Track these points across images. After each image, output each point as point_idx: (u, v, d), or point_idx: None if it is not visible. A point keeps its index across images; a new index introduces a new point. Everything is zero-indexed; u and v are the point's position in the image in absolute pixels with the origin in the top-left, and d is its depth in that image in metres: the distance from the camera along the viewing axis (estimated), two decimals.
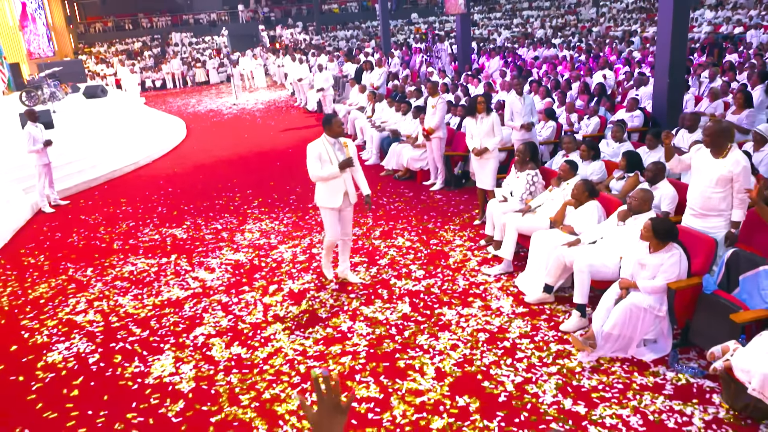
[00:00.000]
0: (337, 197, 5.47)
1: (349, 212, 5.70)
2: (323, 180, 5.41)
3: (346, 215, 5.66)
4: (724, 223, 4.58)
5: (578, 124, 9.11)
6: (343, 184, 5.43)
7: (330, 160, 5.33)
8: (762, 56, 13.34)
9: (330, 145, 5.38)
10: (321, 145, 5.38)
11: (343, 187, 5.45)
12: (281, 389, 4.26)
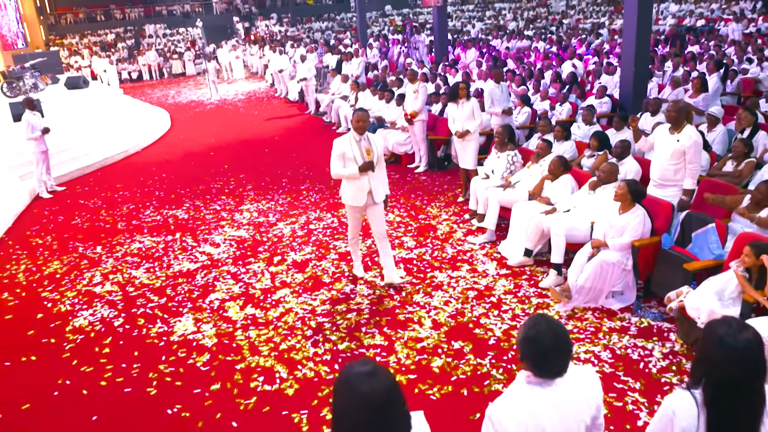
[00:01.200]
0: (360, 195, 5.28)
1: (379, 210, 5.41)
2: (343, 179, 5.34)
3: (375, 213, 5.40)
4: (679, 192, 5.25)
5: (551, 111, 9.78)
6: (367, 182, 5.23)
7: (354, 158, 5.15)
8: (720, 47, 14.21)
9: (356, 143, 5.19)
10: (347, 142, 5.21)
11: (367, 185, 5.24)
12: (296, 341, 4.80)
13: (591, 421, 2.08)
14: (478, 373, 4.22)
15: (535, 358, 2.00)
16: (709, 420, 1.96)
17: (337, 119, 12.94)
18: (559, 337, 1.99)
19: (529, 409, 1.99)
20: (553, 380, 2.01)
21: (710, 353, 1.97)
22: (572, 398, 2.03)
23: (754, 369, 1.92)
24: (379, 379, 1.78)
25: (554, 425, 2.00)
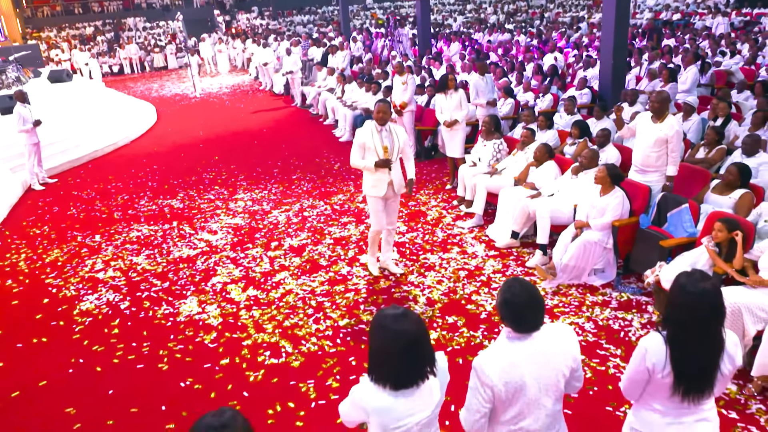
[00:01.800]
0: (381, 186, 5.28)
1: (395, 202, 5.52)
2: (360, 169, 5.37)
3: (391, 204, 5.49)
4: (661, 177, 5.59)
5: (534, 102, 10.11)
6: (387, 174, 5.24)
7: (375, 149, 5.16)
8: (696, 41, 14.68)
9: (377, 133, 5.19)
10: (368, 132, 5.21)
11: (387, 177, 5.25)
12: (298, 319, 5.07)
13: (569, 372, 2.37)
14: (472, 344, 4.53)
15: (512, 316, 2.30)
16: (672, 355, 2.29)
17: (324, 111, 13.16)
18: (531, 295, 2.30)
19: (509, 359, 2.29)
20: (530, 334, 2.31)
21: (674, 298, 2.32)
22: (548, 350, 2.33)
23: (710, 312, 2.26)
24: (411, 317, 2.19)
25: (532, 373, 2.29)
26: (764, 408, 3.71)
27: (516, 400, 2.30)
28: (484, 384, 2.27)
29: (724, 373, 2.31)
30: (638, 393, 2.43)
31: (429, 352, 2.21)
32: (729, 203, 4.96)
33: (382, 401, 2.14)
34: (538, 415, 2.34)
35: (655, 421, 2.40)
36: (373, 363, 2.20)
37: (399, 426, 2.16)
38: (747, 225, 4.47)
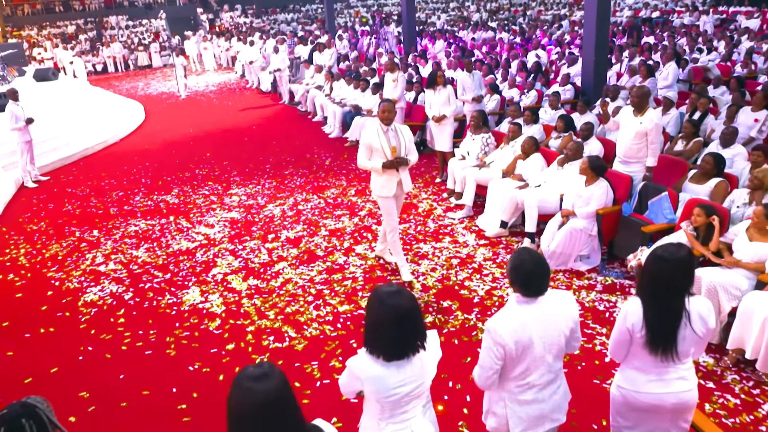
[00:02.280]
0: (390, 185, 5.26)
1: (401, 199, 5.54)
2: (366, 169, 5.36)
3: (399, 203, 5.51)
4: (642, 168, 5.89)
5: (519, 98, 10.39)
6: (396, 172, 5.25)
7: (382, 149, 5.12)
8: (674, 38, 15.09)
9: (383, 134, 5.16)
10: (374, 132, 5.19)
11: (396, 176, 5.26)
12: (299, 306, 5.28)
13: (569, 332, 2.65)
14: (466, 326, 4.78)
15: (521, 281, 2.57)
16: (645, 315, 2.60)
17: (313, 108, 13.34)
18: (538, 263, 2.58)
19: (518, 320, 2.56)
20: (536, 298, 2.58)
21: (650, 265, 2.63)
22: (552, 312, 2.61)
23: (681, 277, 2.58)
24: (404, 294, 2.38)
25: (538, 332, 2.57)
26: (738, 378, 4.00)
27: (524, 357, 2.56)
28: (496, 343, 2.52)
29: (699, 335, 2.58)
30: (623, 354, 2.71)
31: (420, 328, 2.39)
32: (705, 191, 5.27)
33: (375, 371, 2.34)
34: (542, 371, 2.61)
35: (638, 378, 2.68)
36: (368, 335, 2.40)
37: (390, 395, 2.34)
38: (722, 211, 4.77)
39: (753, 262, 4.24)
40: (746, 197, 4.95)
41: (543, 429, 2.69)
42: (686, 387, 2.66)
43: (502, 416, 2.68)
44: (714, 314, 2.72)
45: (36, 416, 1.95)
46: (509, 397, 2.66)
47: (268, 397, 1.78)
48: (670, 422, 2.73)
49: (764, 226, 4.25)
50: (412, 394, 2.40)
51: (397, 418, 2.43)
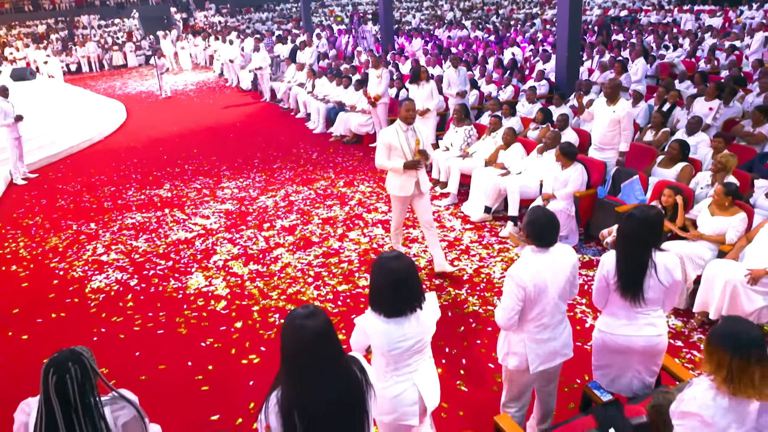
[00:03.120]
0: (408, 186, 5.23)
1: (426, 200, 5.42)
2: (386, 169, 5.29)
3: (422, 203, 5.40)
4: (616, 154, 6.37)
5: (496, 93, 10.85)
6: (415, 172, 5.21)
7: (402, 149, 5.09)
8: (642, 36, 15.73)
9: (403, 133, 5.12)
10: (393, 132, 5.14)
11: (415, 176, 5.22)
12: (300, 287, 5.62)
13: (572, 277, 3.11)
14: (458, 299, 5.18)
15: (536, 233, 3.02)
16: (617, 264, 3.06)
17: (296, 105, 13.63)
18: (550, 218, 3.02)
19: (535, 267, 3.00)
20: (548, 249, 3.03)
21: (623, 223, 3.08)
22: (560, 260, 3.05)
23: (649, 233, 3.02)
24: (404, 259, 2.72)
25: (551, 277, 3.02)
26: (703, 337, 4.46)
27: (540, 299, 2.99)
28: (518, 286, 2.94)
29: (665, 285, 3.01)
30: (603, 301, 3.16)
31: (417, 289, 2.72)
32: (672, 174, 5.75)
33: (378, 326, 2.67)
34: (554, 312, 3.06)
35: (613, 323, 3.14)
36: (372, 295, 2.74)
37: (393, 348, 2.68)
38: (688, 191, 5.25)
39: (714, 234, 4.72)
40: (709, 179, 5.43)
41: (555, 363, 3.16)
42: (654, 332, 3.09)
43: (522, 354, 3.11)
44: (680, 268, 3.15)
45: (81, 362, 2.27)
46: (528, 337, 3.08)
47: (317, 331, 2.13)
48: (640, 363, 3.16)
49: (724, 203, 4.72)
50: (414, 349, 2.74)
51: (401, 371, 2.77)
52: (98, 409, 2.26)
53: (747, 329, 2.18)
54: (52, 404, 2.19)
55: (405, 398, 2.75)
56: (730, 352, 2.13)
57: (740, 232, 4.62)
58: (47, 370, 2.21)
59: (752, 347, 2.12)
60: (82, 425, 2.20)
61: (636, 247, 3.02)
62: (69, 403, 2.20)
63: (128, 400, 2.38)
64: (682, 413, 2.22)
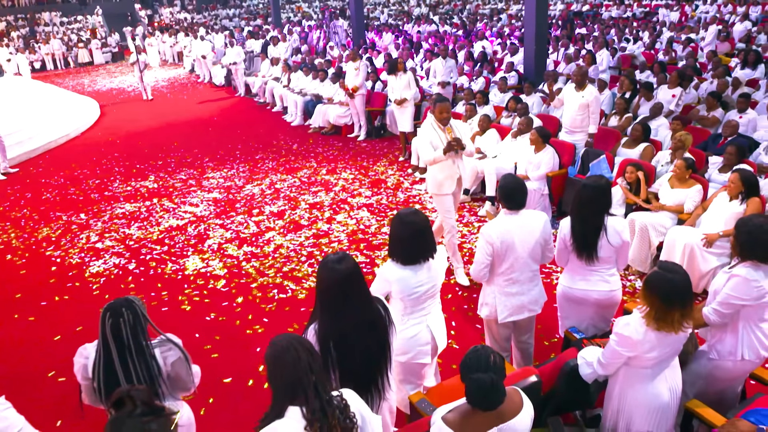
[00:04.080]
0: (450, 183, 5.15)
1: (458, 197, 5.39)
2: (432, 164, 5.13)
3: (455, 200, 5.34)
4: (585, 136, 6.87)
5: (468, 83, 11.31)
6: (457, 168, 5.12)
7: (441, 142, 5.01)
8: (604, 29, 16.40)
9: (441, 130, 5.07)
10: (431, 129, 5.10)
11: (457, 172, 5.14)
12: (294, 265, 5.96)
13: (544, 243, 3.51)
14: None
15: (505, 196, 3.45)
16: (572, 228, 3.50)
17: (272, 99, 13.88)
18: (518, 183, 3.48)
19: (504, 226, 3.42)
20: (518, 211, 3.44)
21: (578, 192, 3.51)
22: (530, 224, 3.48)
23: (598, 199, 3.42)
24: (419, 214, 3.13)
25: (519, 237, 3.45)
26: None
27: (508, 256, 3.38)
28: (487, 242, 3.33)
29: (615, 246, 3.46)
30: (565, 260, 3.63)
31: (431, 242, 3.13)
32: (636, 154, 6.27)
33: (397, 273, 3.08)
34: (523, 269, 3.46)
35: (571, 278, 3.62)
36: (391, 246, 3.16)
37: (412, 293, 3.08)
38: (650, 168, 5.76)
39: (674, 205, 5.24)
40: (669, 157, 5.95)
41: (522, 316, 3.58)
42: (607, 288, 3.55)
43: (492, 305, 3.53)
44: (628, 230, 3.62)
45: (133, 308, 2.60)
46: (498, 289, 3.50)
47: (348, 272, 2.52)
48: (595, 313, 3.64)
49: (684, 176, 5.24)
50: (428, 294, 3.16)
51: (416, 314, 3.18)
52: (149, 350, 2.59)
53: (675, 279, 2.61)
54: (109, 345, 2.51)
55: (420, 338, 3.15)
56: (659, 299, 2.60)
57: (697, 202, 5.13)
58: (104, 314, 2.53)
59: (676, 296, 2.59)
60: (136, 364, 2.53)
61: (591, 212, 3.44)
62: (123, 344, 2.52)
63: (174, 343, 2.71)
64: (619, 333, 2.72)
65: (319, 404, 1.98)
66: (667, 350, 2.70)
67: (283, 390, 2.00)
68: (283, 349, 2.00)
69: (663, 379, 2.74)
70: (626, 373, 2.79)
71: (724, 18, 16.86)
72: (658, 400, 2.73)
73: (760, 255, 2.91)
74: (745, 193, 4.57)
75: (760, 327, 2.98)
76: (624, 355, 2.73)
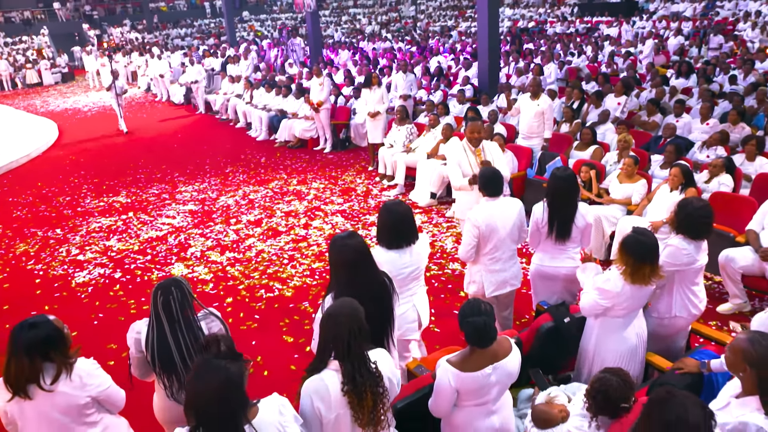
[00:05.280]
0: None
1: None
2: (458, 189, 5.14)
3: None
4: (540, 141, 7.48)
5: (427, 96, 11.89)
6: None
7: (470, 165, 5.08)
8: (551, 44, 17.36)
9: (471, 153, 5.14)
10: (461, 151, 5.14)
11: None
12: (277, 267, 6.30)
13: (519, 222, 4.02)
14: None
15: (486, 184, 3.93)
16: (548, 215, 3.98)
17: (235, 116, 14.15)
18: (495, 172, 3.96)
19: (488, 211, 3.90)
20: (496, 198, 3.92)
21: (550, 183, 4.03)
22: (508, 208, 3.98)
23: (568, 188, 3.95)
24: (402, 204, 3.59)
25: (500, 221, 3.94)
26: None
27: (492, 237, 3.87)
28: (474, 225, 3.81)
29: (579, 227, 3.99)
30: (537, 242, 4.13)
31: (413, 228, 3.58)
32: (587, 155, 6.90)
33: (384, 256, 3.49)
34: (504, 249, 3.95)
35: (543, 257, 4.13)
36: (379, 233, 3.58)
37: (399, 273, 3.48)
38: (600, 167, 6.38)
39: (623, 198, 5.86)
40: (616, 158, 6.59)
41: (506, 290, 4.08)
42: (573, 264, 4.06)
43: (479, 282, 4.00)
44: (591, 214, 4.16)
45: (180, 287, 2.94)
46: (484, 268, 3.98)
47: (357, 247, 2.94)
48: (563, 288, 4.14)
49: (632, 173, 5.87)
50: (413, 275, 3.59)
51: (404, 295, 3.60)
52: (196, 322, 2.93)
53: (645, 240, 3.18)
54: (161, 319, 2.85)
55: (407, 316, 3.58)
56: (633, 257, 3.14)
57: (642, 195, 5.76)
58: (156, 292, 2.86)
59: (647, 254, 3.16)
60: (185, 335, 2.87)
61: (565, 199, 3.96)
62: (174, 318, 2.86)
63: (216, 315, 3.05)
64: (600, 287, 3.22)
65: (357, 366, 2.37)
66: (637, 301, 3.25)
67: (326, 344, 2.40)
68: (336, 309, 2.42)
69: (632, 327, 3.28)
70: (602, 323, 3.31)
71: (659, 33, 18.11)
72: (627, 344, 3.26)
73: (693, 233, 3.49)
74: (685, 184, 5.21)
75: (691, 289, 3.57)
76: (603, 306, 3.25)
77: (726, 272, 4.89)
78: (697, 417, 1.95)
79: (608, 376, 2.59)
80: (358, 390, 2.35)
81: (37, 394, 2.65)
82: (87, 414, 2.78)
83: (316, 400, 2.35)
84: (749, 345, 2.34)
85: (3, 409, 2.74)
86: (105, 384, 2.83)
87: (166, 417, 3.06)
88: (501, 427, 2.76)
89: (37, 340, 2.66)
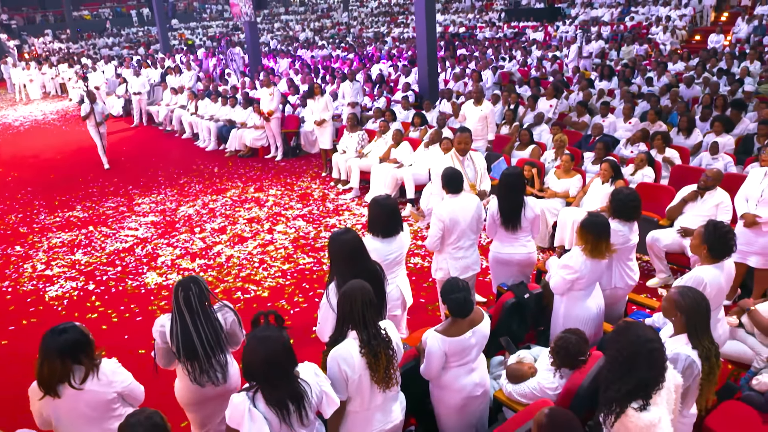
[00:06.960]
0: None
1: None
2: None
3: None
4: (485, 142, 8.16)
5: (371, 103, 12.43)
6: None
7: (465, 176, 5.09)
8: (483, 49, 18.26)
9: (459, 163, 5.37)
10: (449, 159, 5.43)
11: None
12: (250, 271, 6.67)
13: (477, 215, 4.60)
14: None
15: (448, 182, 4.47)
16: (499, 207, 4.60)
17: (180, 127, 14.21)
18: (456, 171, 4.51)
19: (451, 206, 4.47)
20: (457, 194, 4.48)
21: (502, 178, 4.65)
22: (466, 203, 4.56)
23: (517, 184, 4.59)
24: (390, 198, 4.09)
25: (462, 214, 4.50)
26: None
27: (455, 229, 4.42)
28: (439, 219, 4.37)
29: (528, 218, 4.62)
30: (494, 231, 4.76)
31: (399, 219, 4.12)
32: (526, 154, 7.62)
33: (375, 244, 4.01)
34: (465, 239, 4.50)
35: (499, 245, 4.77)
36: (370, 224, 4.09)
37: (386, 258, 4.00)
38: (540, 165, 7.10)
39: (561, 191, 6.59)
40: (553, 155, 7.33)
41: (468, 274, 4.64)
42: (526, 251, 4.72)
43: (445, 268, 4.56)
44: (540, 207, 4.81)
45: (198, 284, 3.35)
46: (449, 256, 4.54)
47: (353, 240, 3.43)
48: (518, 272, 4.77)
49: (569, 168, 6.60)
50: (397, 260, 4.13)
51: (389, 277, 4.12)
52: (213, 314, 3.34)
53: (600, 221, 3.83)
54: (183, 314, 3.23)
55: (392, 295, 4.11)
56: (591, 235, 3.77)
57: (578, 188, 6.50)
58: (177, 289, 3.25)
59: (603, 232, 3.81)
60: (205, 326, 3.27)
61: (514, 192, 4.59)
62: (194, 311, 3.25)
63: (230, 307, 3.46)
64: (564, 264, 3.83)
65: (372, 333, 2.90)
66: (595, 275, 3.90)
67: (344, 317, 2.89)
68: (350, 288, 2.92)
69: (592, 298, 3.94)
70: (568, 297, 3.94)
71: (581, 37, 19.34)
72: (588, 312, 3.91)
73: (625, 216, 4.19)
74: (614, 177, 5.97)
75: (627, 264, 4.28)
76: (568, 280, 3.85)
77: (652, 251, 5.67)
78: (652, 333, 2.61)
79: (567, 335, 3.19)
80: (374, 351, 2.85)
81: (66, 393, 2.99)
82: (114, 408, 3.14)
83: (342, 364, 2.84)
84: (679, 296, 2.99)
85: (38, 410, 3.07)
86: (128, 380, 3.20)
87: (187, 398, 3.47)
88: (480, 381, 3.34)
89: (67, 344, 3.00)
